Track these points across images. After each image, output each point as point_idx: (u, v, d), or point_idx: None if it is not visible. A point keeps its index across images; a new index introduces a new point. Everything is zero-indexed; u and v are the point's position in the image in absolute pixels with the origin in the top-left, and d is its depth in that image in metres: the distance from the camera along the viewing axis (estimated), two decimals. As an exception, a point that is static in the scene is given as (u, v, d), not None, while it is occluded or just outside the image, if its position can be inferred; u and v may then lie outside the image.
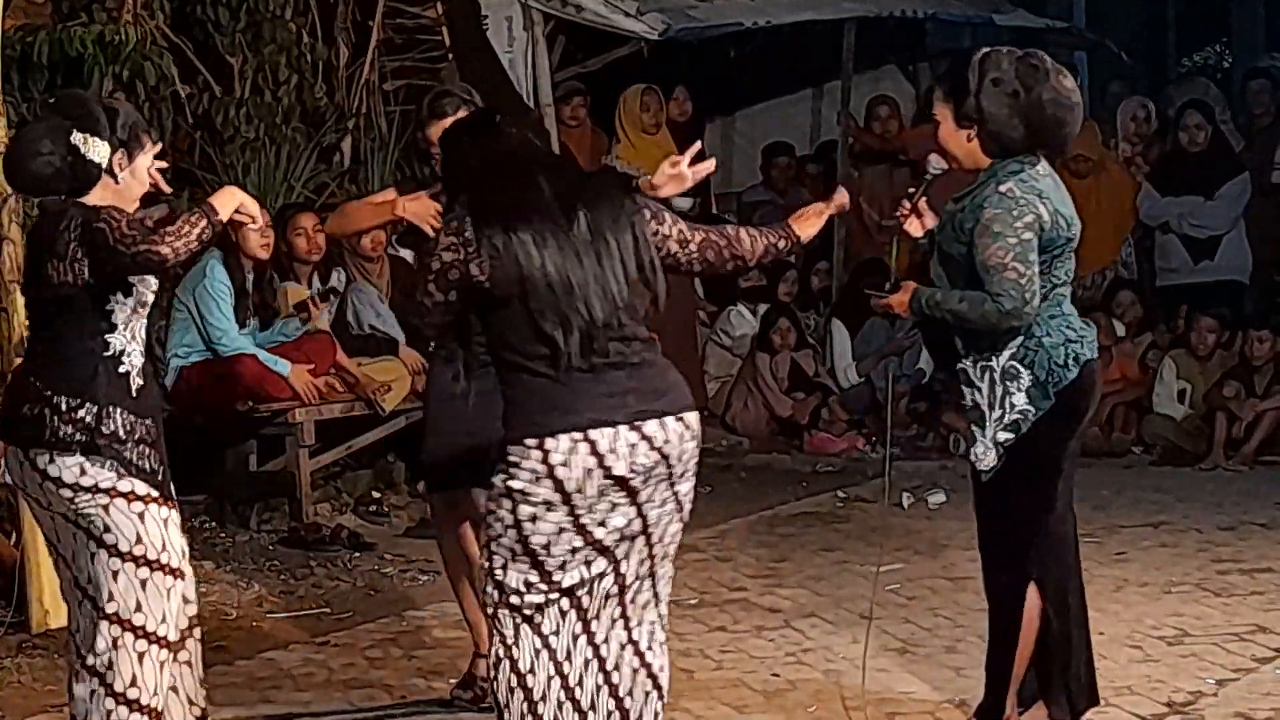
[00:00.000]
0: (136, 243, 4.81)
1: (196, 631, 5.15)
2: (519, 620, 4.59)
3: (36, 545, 6.81)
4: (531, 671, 4.59)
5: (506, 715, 4.61)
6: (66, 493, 4.89)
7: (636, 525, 4.63)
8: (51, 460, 4.88)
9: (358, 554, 8.23)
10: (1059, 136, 5.31)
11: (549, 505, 4.52)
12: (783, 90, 13.39)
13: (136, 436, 4.93)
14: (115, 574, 4.89)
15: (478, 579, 5.89)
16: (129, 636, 4.90)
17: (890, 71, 13.62)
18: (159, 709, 4.96)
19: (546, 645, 4.60)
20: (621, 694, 4.67)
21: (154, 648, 4.93)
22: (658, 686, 4.73)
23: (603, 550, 4.59)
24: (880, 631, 6.90)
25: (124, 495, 4.89)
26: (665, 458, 4.63)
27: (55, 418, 4.87)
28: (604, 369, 4.54)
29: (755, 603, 7.37)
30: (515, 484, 4.53)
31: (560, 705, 4.60)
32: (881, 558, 7.39)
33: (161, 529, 4.93)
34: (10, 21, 7.97)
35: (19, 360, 6.82)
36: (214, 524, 8.63)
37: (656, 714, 4.73)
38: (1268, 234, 11.50)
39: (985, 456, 5.30)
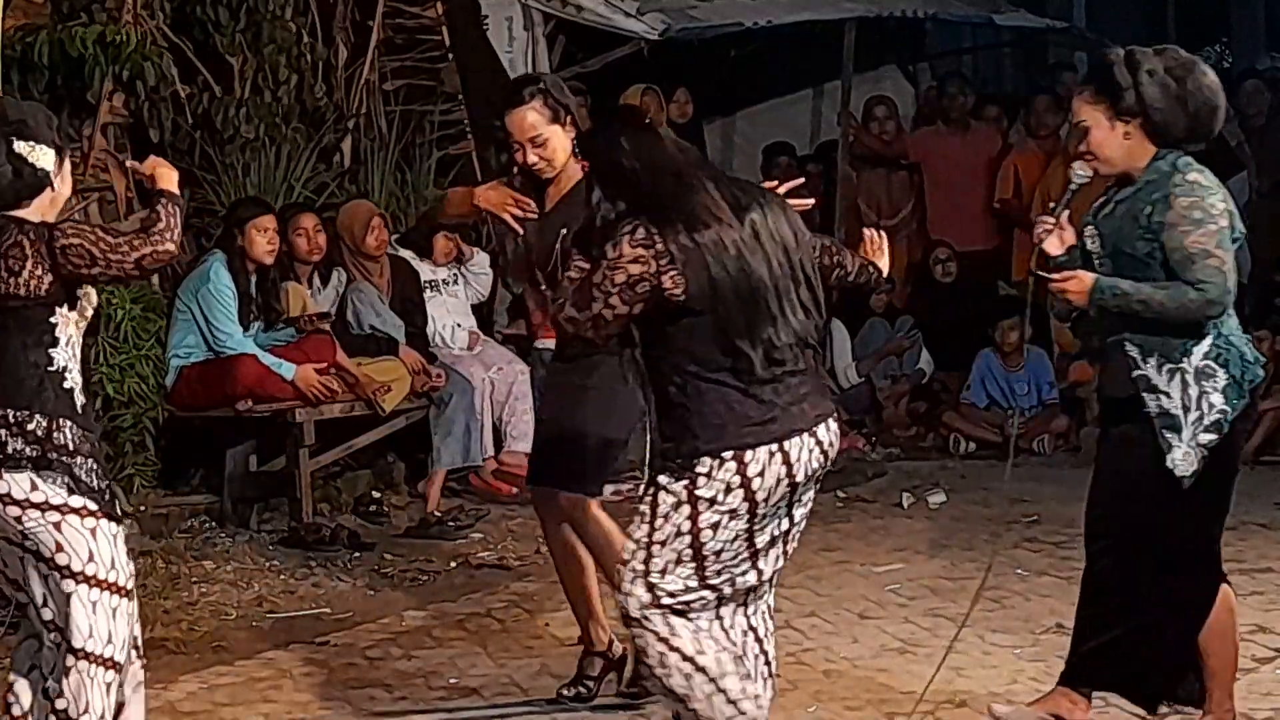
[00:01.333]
0: (135, 249, 4.75)
1: (139, 662, 5.01)
2: (669, 615, 4.64)
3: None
4: (701, 652, 4.65)
5: (690, 702, 4.65)
6: (14, 510, 4.74)
7: (785, 526, 4.73)
8: (0, 477, 4.75)
9: (358, 554, 8.23)
10: (1212, 125, 5.26)
11: (734, 514, 4.59)
12: (783, 90, 13.39)
13: (85, 451, 4.81)
14: (69, 597, 4.77)
15: (588, 576, 6.02)
16: (81, 662, 4.79)
17: (890, 71, 13.62)
18: None
19: (699, 627, 4.68)
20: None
21: (101, 670, 4.81)
22: (770, 670, 4.85)
23: (755, 558, 4.68)
24: (880, 631, 6.91)
25: (75, 511, 4.77)
26: (826, 458, 4.72)
27: (3, 432, 4.74)
28: (783, 376, 4.62)
29: (755, 603, 7.36)
30: (703, 492, 4.57)
31: (738, 674, 4.67)
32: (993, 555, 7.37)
33: (111, 546, 4.82)
34: (10, 21, 7.97)
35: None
36: (214, 524, 8.63)
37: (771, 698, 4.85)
38: (1266, 234, 11.50)
39: (1187, 462, 5.17)
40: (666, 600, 4.62)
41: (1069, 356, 11.05)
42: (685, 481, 4.59)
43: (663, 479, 4.65)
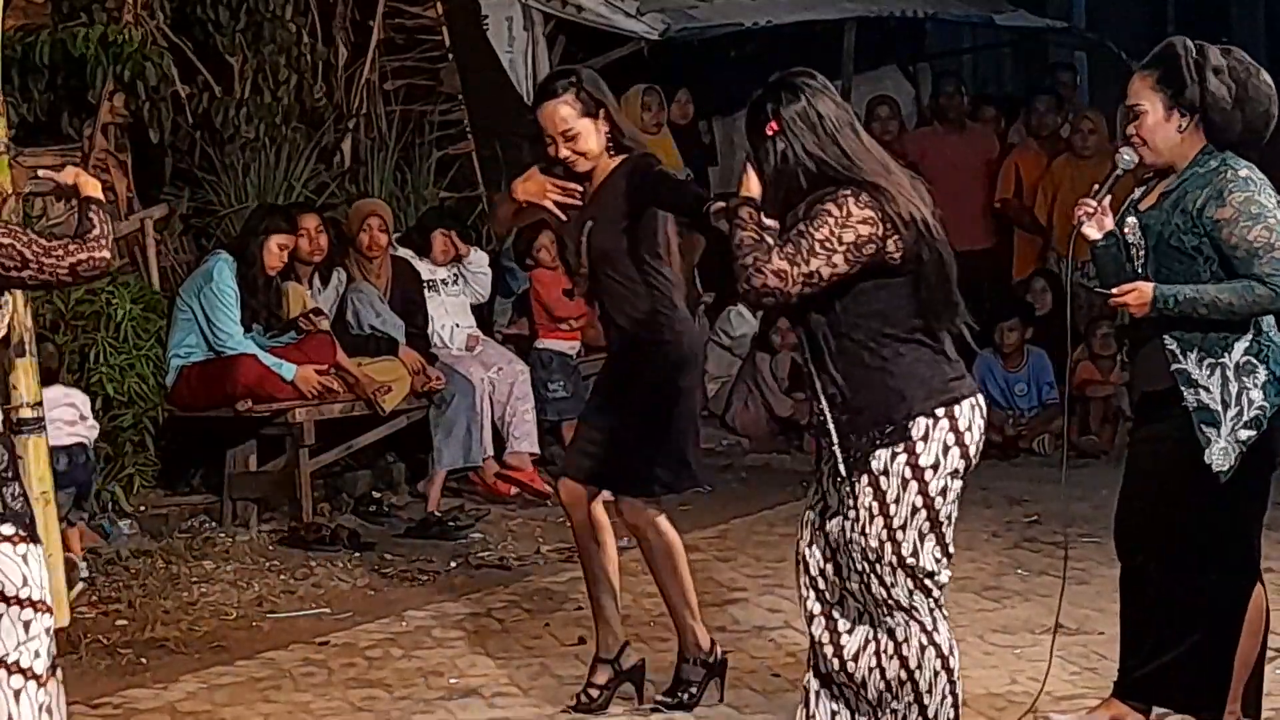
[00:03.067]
0: (70, 254, 4.56)
1: (59, 673, 4.84)
2: (933, 605, 4.66)
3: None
4: (952, 653, 4.69)
5: (929, 699, 4.68)
6: None
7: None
8: None
9: (358, 554, 8.23)
10: (1264, 132, 5.24)
11: (956, 473, 4.62)
12: (783, 90, 13.37)
13: (11, 474, 4.66)
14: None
15: (611, 572, 6.03)
16: (9, 676, 4.65)
17: (890, 71, 13.62)
18: None
19: (949, 627, 4.71)
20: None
21: (30, 684, 4.68)
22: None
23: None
24: (880, 631, 6.90)
25: (8, 539, 4.61)
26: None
27: None
28: (948, 341, 4.70)
29: (755, 603, 7.37)
30: (925, 460, 4.58)
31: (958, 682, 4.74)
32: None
33: (40, 568, 4.70)
34: (10, 22, 7.97)
35: (19, 361, 6.82)
36: (214, 524, 8.63)
37: None
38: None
39: (1225, 458, 5.15)
40: (928, 583, 4.64)
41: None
42: (905, 455, 4.58)
43: (876, 463, 4.60)
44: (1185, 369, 5.20)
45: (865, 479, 4.62)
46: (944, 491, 4.61)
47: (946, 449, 4.60)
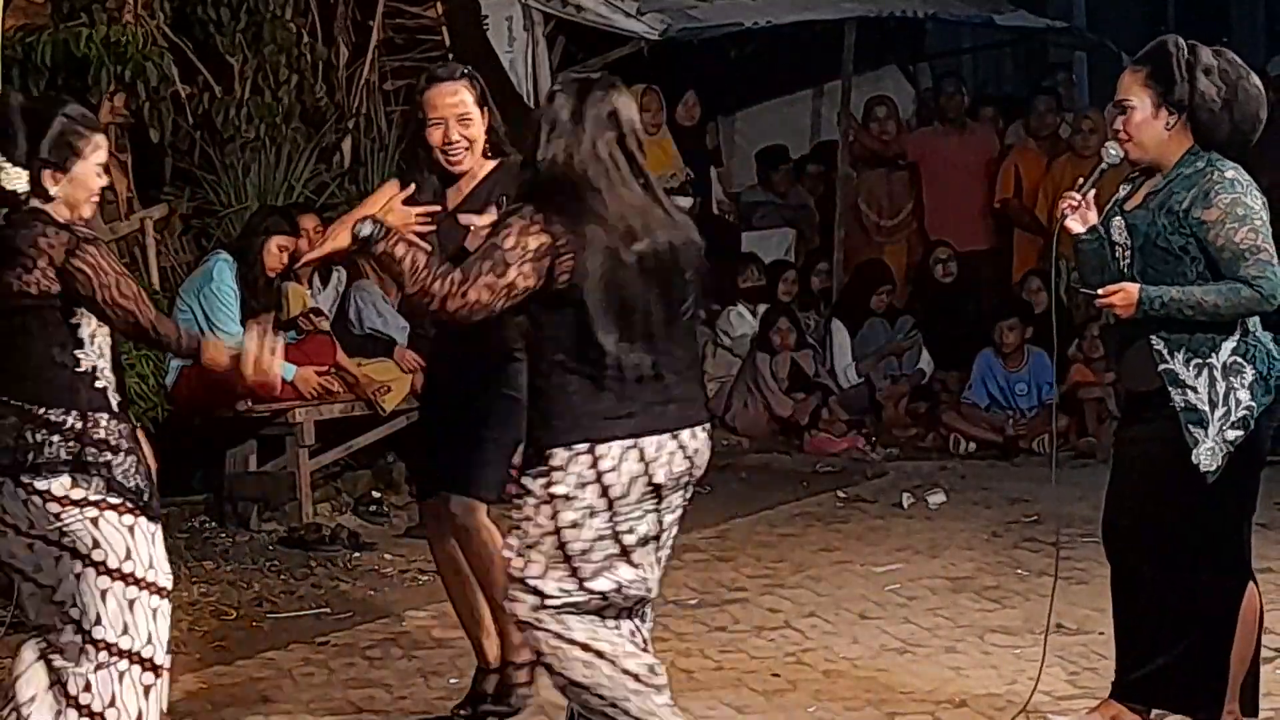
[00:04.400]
0: (141, 313, 4.78)
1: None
2: (563, 613, 4.62)
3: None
4: (595, 638, 4.63)
5: (596, 690, 4.62)
6: (54, 507, 4.74)
7: (654, 530, 4.67)
8: (40, 476, 4.73)
9: (358, 554, 8.23)
10: (1251, 137, 5.24)
11: (591, 512, 4.54)
12: (783, 90, 13.39)
13: (125, 447, 4.82)
14: (104, 593, 4.78)
15: (477, 593, 5.87)
16: (115, 658, 4.79)
17: (890, 71, 13.62)
18: None
19: (618, 631, 4.66)
20: None
21: (135, 668, 4.81)
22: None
23: (627, 556, 4.62)
24: (880, 631, 6.91)
25: (114, 508, 4.78)
26: (692, 466, 4.68)
27: (37, 433, 4.73)
28: (647, 380, 4.56)
29: (755, 603, 7.37)
30: (558, 489, 4.53)
31: (638, 656, 4.65)
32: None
33: (149, 545, 4.83)
34: (11, 22, 7.97)
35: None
36: (214, 524, 8.63)
37: None
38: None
39: (1212, 458, 5.16)
40: (552, 603, 4.60)
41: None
42: (543, 479, 4.56)
43: (525, 480, 4.62)
44: (1173, 369, 5.21)
45: (521, 492, 4.65)
46: (575, 525, 4.54)
47: (583, 484, 4.52)
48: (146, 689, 4.85)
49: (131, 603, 4.80)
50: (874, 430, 11.13)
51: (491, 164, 5.75)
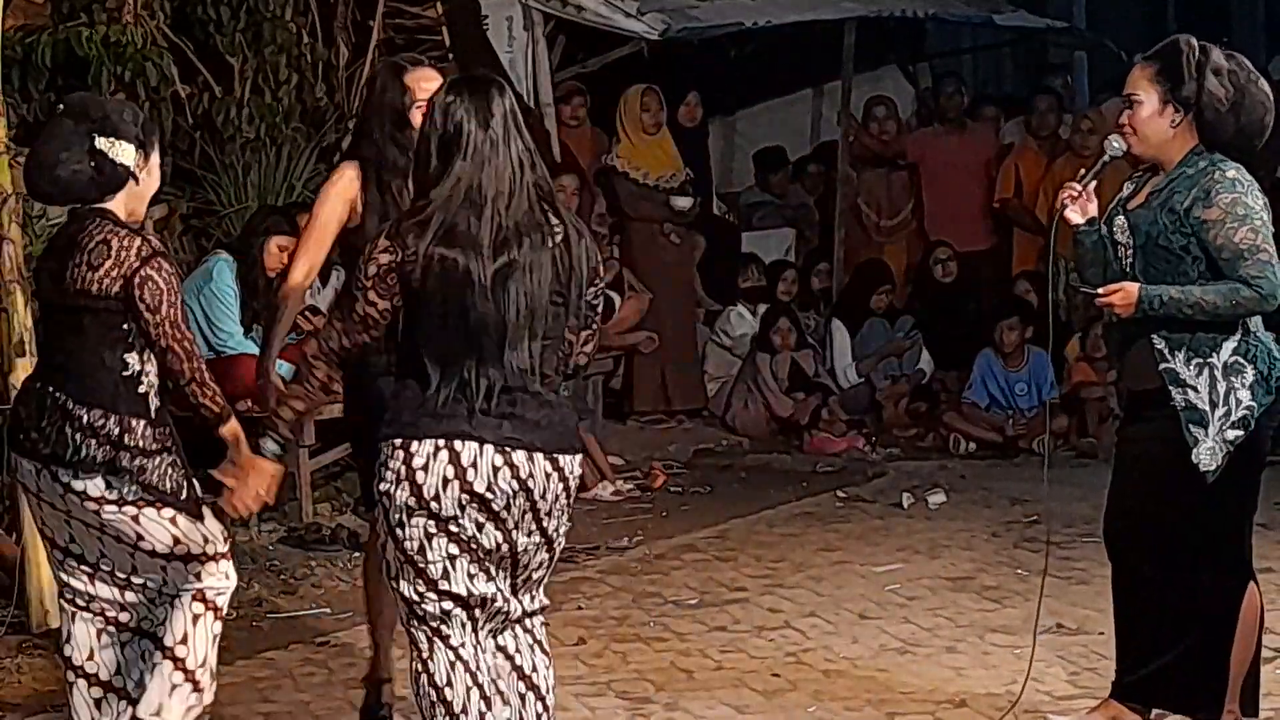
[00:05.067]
0: (186, 351, 4.88)
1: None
2: (429, 633, 4.56)
3: (36, 545, 6.81)
4: (449, 684, 4.55)
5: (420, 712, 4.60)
6: (92, 505, 4.86)
7: (505, 548, 4.54)
8: (76, 476, 4.84)
9: (358, 554, 8.22)
10: (1256, 141, 5.23)
11: (410, 511, 4.47)
12: (783, 90, 13.40)
13: (159, 449, 4.92)
14: (162, 568, 4.98)
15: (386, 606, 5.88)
16: (196, 605, 5.00)
17: (890, 71, 13.63)
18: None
19: (459, 657, 4.55)
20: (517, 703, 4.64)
21: (211, 615, 5.04)
22: (537, 694, 4.66)
23: (483, 566, 4.52)
24: (880, 631, 6.91)
25: (152, 504, 4.91)
26: (528, 491, 4.49)
27: (77, 433, 4.83)
28: (476, 395, 4.46)
29: (755, 603, 7.37)
30: (383, 486, 4.51)
31: (481, 716, 4.55)
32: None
33: (196, 527, 5.01)
34: (11, 22, 7.97)
35: (19, 361, 6.84)
36: (214, 524, 8.62)
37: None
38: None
39: (1212, 458, 5.16)
40: (418, 610, 4.54)
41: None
42: (376, 478, 4.55)
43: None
44: (1173, 368, 5.21)
45: None
46: (401, 525, 4.48)
47: (398, 480, 4.46)
48: (214, 638, 5.05)
49: (197, 573, 5.00)
50: (874, 430, 11.13)
51: None
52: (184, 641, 4.98)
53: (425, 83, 5.73)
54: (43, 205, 8.67)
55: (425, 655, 4.57)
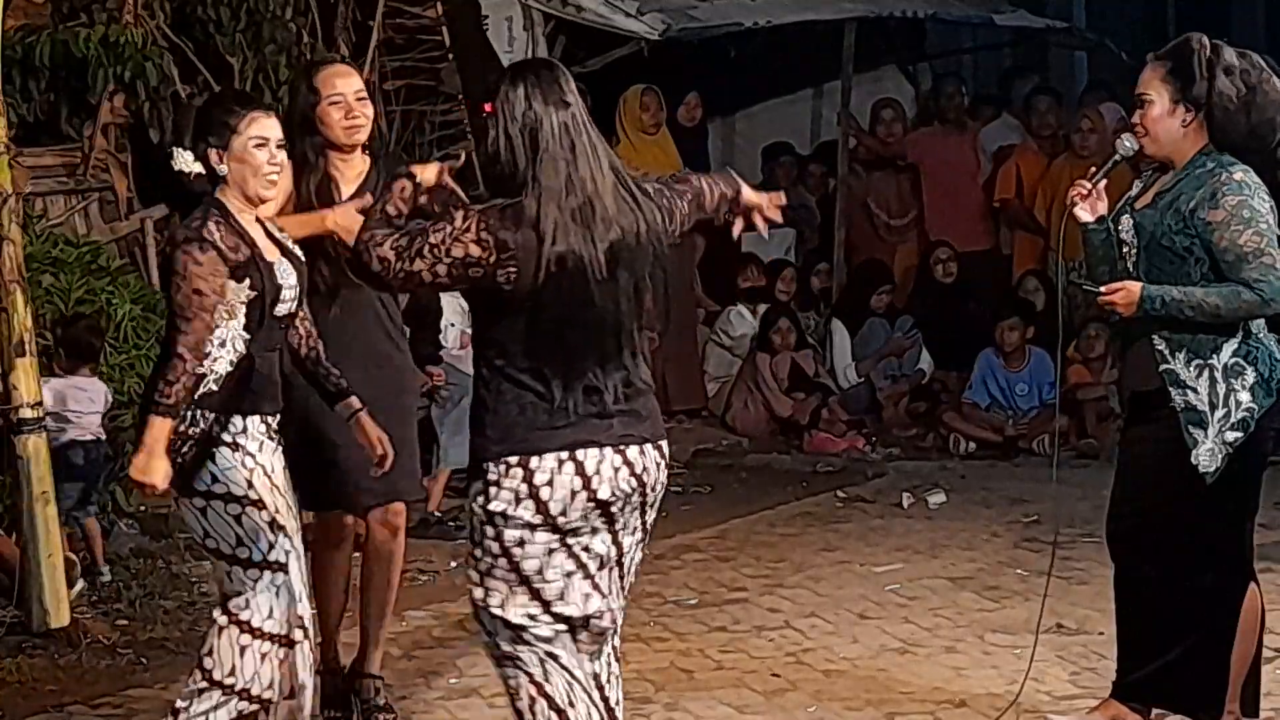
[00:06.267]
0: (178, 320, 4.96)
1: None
2: (540, 657, 4.40)
3: (37, 545, 6.81)
4: (571, 704, 4.39)
5: None
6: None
7: (613, 553, 4.46)
8: None
9: (357, 554, 8.20)
10: (1268, 141, 5.22)
11: (531, 528, 4.32)
12: (783, 90, 13.39)
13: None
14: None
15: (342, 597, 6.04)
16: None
17: (890, 72, 13.62)
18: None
19: (574, 677, 4.42)
20: None
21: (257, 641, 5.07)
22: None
23: (595, 582, 4.41)
24: (880, 631, 6.91)
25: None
26: (643, 485, 4.43)
27: None
28: (589, 393, 4.34)
29: (755, 603, 7.37)
30: (495, 506, 4.33)
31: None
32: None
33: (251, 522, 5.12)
34: (10, 22, 7.97)
35: (19, 361, 6.83)
36: (214, 524, 8.60)
37: None
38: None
39: (1211, 459, 5.16)
40: (528, 636, 4.37)
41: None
42: (480, 496, 4.35)
43: (471, 499, 4.42)
44: (1173, 369, 5.20)
45: (470, 516, 4.45)
46: (521, 543, 4.32)
47: (518, 499, 4.30)
48: (263, 656, 5.10)
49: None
50: (874, 430, 11.13)
51: (368, 162, 5.83)
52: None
53: (337, 79, 5.76)
54: (43, 205, 8.68)
55: (540, 679, 4.39)
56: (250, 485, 5.02)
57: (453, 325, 9.66)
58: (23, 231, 7.20)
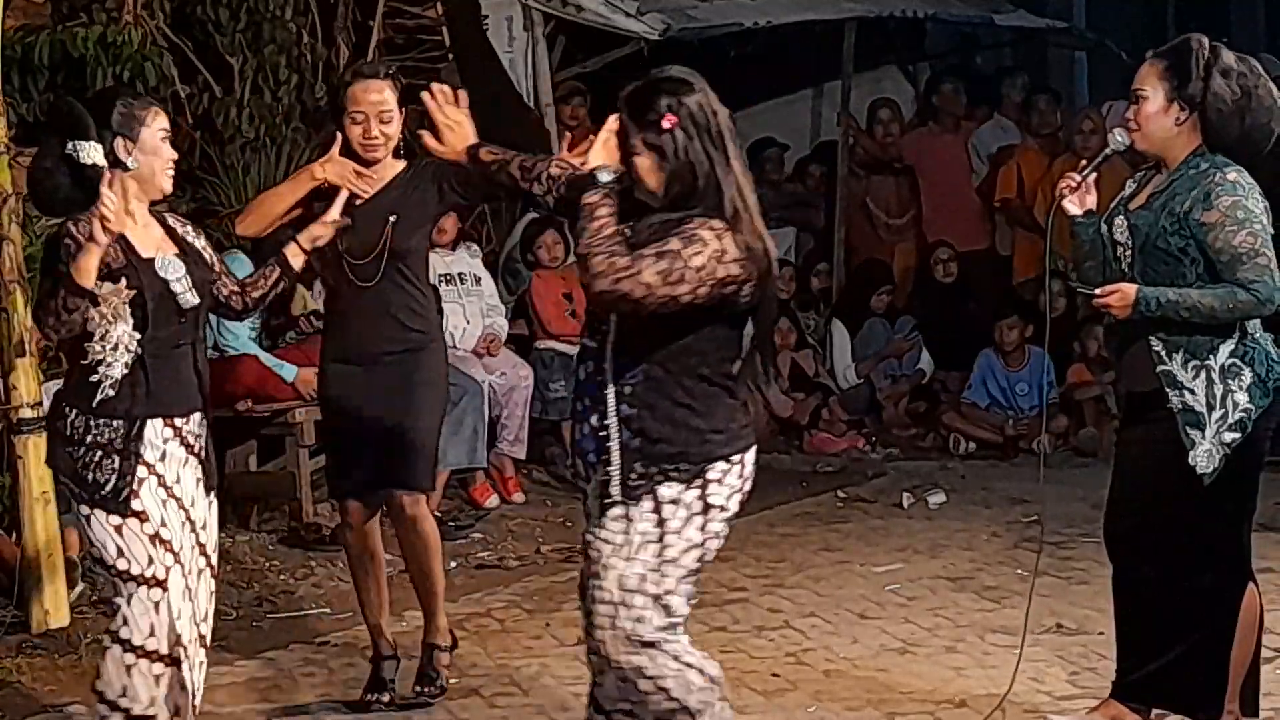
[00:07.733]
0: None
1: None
2: (678, 633, 4.58)
3: (37, 545, 6.82)
4: (707, 657, 4.63)
5: (706, 714, 4.55)
6: None
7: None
8: None
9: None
10: (1261, 146, 5.23)
11: (728, 520, 4.61)
12: (783, 90, 13.38)
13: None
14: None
15: (384, 583, 6.18)
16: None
17: (890, 72, 13.62)
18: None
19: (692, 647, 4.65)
20: None
21: (142, 661, 4.99)
22: None
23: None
24: (880, 631, 6.91)
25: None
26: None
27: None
28: (747, 394, 4.67)
29: (755, 603, 7.37)
30: (715, 499, 4.56)
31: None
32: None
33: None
34: (10, 22, 7.97)
35: (19, 361, 6.83)
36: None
37: None
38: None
39: (1208, 460, 5.16)
40: (676, 620, 4.55)
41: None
42: (697, 490, 4.53)
43: (667, 490, 4.50)
44: (1170, 370, 5.20)
45: (648, 505, 4.51)
46: (718, 535, 4.59)
47: (732, 494, 4.59)
48: (156, 678, 5.06)
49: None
50: (874, 430, 11.13)
51: (400, 165, 5.95)
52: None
53: (362, 94, 5.88)
54: (43, 205, 8.66)
55: (681, 653, 4.55)
56: (135, 496, 4.98)
57: (468, 327, 9.62)
58: (23, 231, 7.20)
